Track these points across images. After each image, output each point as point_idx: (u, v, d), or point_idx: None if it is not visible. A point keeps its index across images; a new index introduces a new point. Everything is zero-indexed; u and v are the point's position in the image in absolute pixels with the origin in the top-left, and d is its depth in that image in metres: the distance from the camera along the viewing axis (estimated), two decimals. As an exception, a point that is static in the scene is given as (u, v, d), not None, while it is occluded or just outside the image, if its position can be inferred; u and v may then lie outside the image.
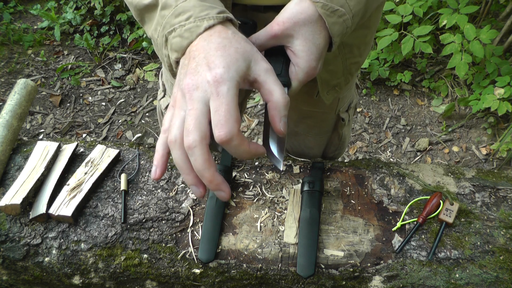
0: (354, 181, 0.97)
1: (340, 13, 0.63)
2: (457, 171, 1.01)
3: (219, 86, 0.53)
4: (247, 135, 2.40)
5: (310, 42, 0.64)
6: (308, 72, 0.66)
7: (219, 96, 0.53)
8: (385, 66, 2.48)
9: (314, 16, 0.63)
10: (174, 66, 0.62)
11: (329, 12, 0.62)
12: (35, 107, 2.53)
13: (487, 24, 2.21)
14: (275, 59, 0.68)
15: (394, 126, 2.45)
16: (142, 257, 0.87)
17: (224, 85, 0.53)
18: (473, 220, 0.90)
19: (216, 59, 0.54)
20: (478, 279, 0.83)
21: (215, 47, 0.56)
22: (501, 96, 2.09)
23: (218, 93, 0.53)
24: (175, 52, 0.60)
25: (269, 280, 0.85)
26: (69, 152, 1.00)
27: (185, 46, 0.58)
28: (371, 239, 0.87)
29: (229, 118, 0.52)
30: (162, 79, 1.14)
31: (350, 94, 1.14)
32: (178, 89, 0.57)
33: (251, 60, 0.57)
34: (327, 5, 0.62)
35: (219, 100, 0.52)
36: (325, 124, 1.19)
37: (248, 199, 0.93)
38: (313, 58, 0.65)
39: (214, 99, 0.53)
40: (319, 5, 0.62)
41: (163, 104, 1.15)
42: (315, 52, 0.64)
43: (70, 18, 2.87)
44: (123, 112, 2.55)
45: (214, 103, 0.53)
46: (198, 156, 0.53)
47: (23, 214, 0.90)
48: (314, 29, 0.63)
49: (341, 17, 0.63)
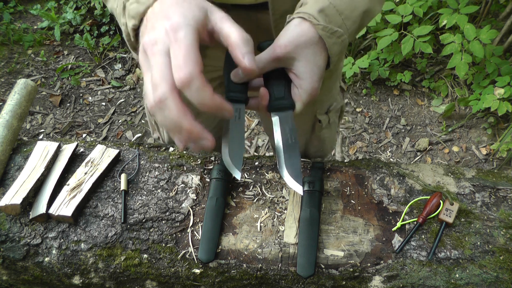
0: (354, 181, 0.97)
1: (339, 34, 0.65)
2: (457, 171, 1.01)
3: (176, 33, 0.52)
4: (247, 135, 2.40)
5: (311, 64, 0.65)
6: (311, 93, 0.67)
7: (177, 41, 0.52)
8: (385, 66, 2.48)
9: (315, 38, 0.64)
10: (131, 34, 0.61)
11: (329, 33, 0.64)
12: (35, 107, 2.53)
13: (487, 24, 2.21)
14: (277, 83, 0.69)
15: (394, 126, 2.45)
16: (142, 257, 0.87)
17: (181, 31, 0.52)
18: (473, 220, 0.90)
19: (172, 11, 0.54)
20: (478, 279, 0.83)
21: (170, 3, 0.55)
22: (501, 96, 2.09)
23: (176, 39, 0.52)
24: (133, 18, 0.59)
25: (269, 280, 0.85)
26: (69, 152, 0.99)
27: (141, 11, 0.58)
28: (371, 239, 0.87)
29: (188, 60, 0.51)
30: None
31: (329, 98, 1.13)
32: (141, 52, 0.56)
33: (207, 10, 0.57)
34: (327, 27, 0.64)
35: (177, 45, 0.52)
36: (302, 126, 1.18)
37: (248, 199, 0.93)
38: (315, 80, 0.66)
39: (173, 45, 0.52)
40: (319, 27, 0.63)
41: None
42: (317, 72, 0.66)
43: (70, 18, 2.87)
44: (123, 112, 2.55)
45: (173, 49, 0.52)
46: (171, 107, 0.52)
47: (23, 214, 0.90)
48: (315, 51, 0.65)
49: (339, 37, 0.65)
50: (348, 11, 0.66)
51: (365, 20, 0.70)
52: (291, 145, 0.69)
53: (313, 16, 0.64)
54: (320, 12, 0.64)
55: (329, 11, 0.64)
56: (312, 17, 0.64)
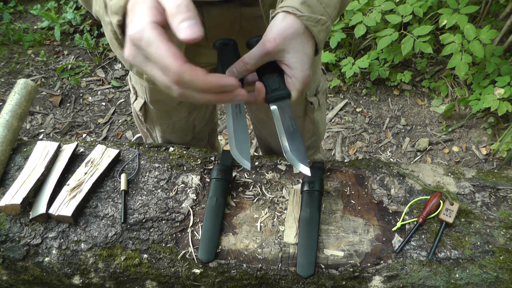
0: (354, 181, 0.97)
1: (323, 21, 0.69)
2: (457, 171, 1.01)
3: (142, 40, 0.52)
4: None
5: (301, 53, 0.69)
6: (304, 80, 0.71)
7: (149, 45, 0.52)
8: (385, 66, 2.48)
9: (301, 29, 0.68)
10: (118, 32, 0.60)
11: (314, 22, 0.68)
12: (35, 107, 2.53)
13: (487, 24, 2.21)
14: (270, 75, 0.72)
15: (394, 126, 2.45)
16: (142, 257, 0.87)
17: (146, 33, 0.52)
18: (473, 220, 0.90)
19: (136, 11, 0.54)
20: (478, 279, 0.83)
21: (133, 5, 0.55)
22: (501, 96, 2.09)
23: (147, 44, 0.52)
24: (116, 14, 0.58)
25: (269, 280, 0.85)
26: (69, 152, 0.99)
27: (123, 5, 0.56)
28: (371, 239, 0.87)
29: (166, 61, 0.51)
30: (132, 82, 1.14)
31: (315, 79, 1.16)
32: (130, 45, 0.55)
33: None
34: (311, 16, 0.67)
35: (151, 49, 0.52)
36: (295, 110, 1.19)
37: (248, 199, 0.93)
38: (306, 68, 0.70)
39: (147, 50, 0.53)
40: (304, 18, 0.67)
41: (136, 106, 1.16)
42: (306, 61, 0.69)
43: (70, 18, 2.87)
44: (123, 112, 2.55)
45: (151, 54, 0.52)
46: (190, 78, 0.52)
47: (23, 214, 0.90)
48: (302, 41, 0.68)
49: (323, 24, 0.69)
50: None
51: (344, 4, 0.76)
52: (292, 132, 0.73)
53: (296, 9, 0.67)
54: (302, 3, 0.67)
55: (310, 2, 0.68)
56: (295, 10, 0.67)
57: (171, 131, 1.21)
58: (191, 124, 1.22)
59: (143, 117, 1.18)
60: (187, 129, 1.23)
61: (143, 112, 1.16)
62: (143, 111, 1.16)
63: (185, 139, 1.26)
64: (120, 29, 0.59)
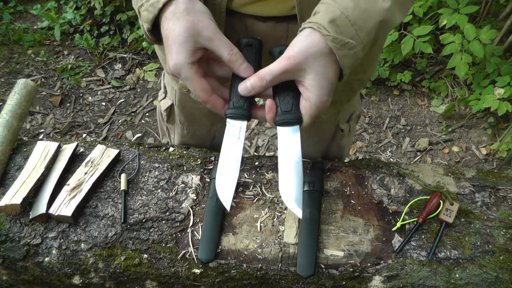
0: (354, 181, 0.97)
1: (351, 45, 0.62)
2: (457, 171, 1.01)
3: (180, 73, 0.67)
4: (247, 135, 2.40)
5: (321, 77, 0.63)
6: (320, 106, 0.66)
7: (185, 80, 0.67)
8: (385, 66, 2.48)
9: (325, 49, 0.62)
10: (148, 34, 0.70)
11: (339, 45, 0.61)
12: (35, 107, 2.54)
13: (487, 24, 2.21)
14: (285, 95, 0.68)
15: (394, 126, 2.45)
16: (142, 257, 0.87)
17: (183, 71, 0.66)
18: (473, 220, 0.90)
19: (172, 47, 0.65)
20: (478, 279, 0.83)
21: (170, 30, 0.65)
22: (501, 96, 2.09)
23: (184, 78, 0.67)
24: (146, 23, 0.67)
25: (269, 280, 0.85)
26: (69, 152, 0.99)
27: (151, 18, 0.66)
28: (371, 239, 0.87)
29: (198, 93, 0.68)
30: (164, 81, 1.14)
31: (352, 106, 1.12)
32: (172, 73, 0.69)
33: (197, 34, 0.65)
34: (337, 38, 0.61)
35: (187, 82, 0.68)
36: (323, 134, 1.17)
37: (248, 199, 0.93)
38: (324, 93, 0.64)
39: (184, 81, 0.68)
40: (329, 38, 0.61)
41: (163, 105, 1.15)
42: (326, 86, 0.64)
43: (70, 18, 2.87)
44: (123, 112, 2.55)
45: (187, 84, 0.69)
46: (212, 108, 0.71)
47: (23, 214, 0.90)
48: (325, 63, 0.63)
49: (351, 49, 0.62)
50: (362, 22, 0.62)
51: (383, 31, 0.66)
52: (291, 165, 0.69)
53: (323, 27, 0.61)
54: (330, 22, 0.61)
55: (340, 22, 0.61)
56: (322, 28, 0.61)
57: (191, 136, 1.20)
58: (211, 135, 1.21)
59: (167, 117, 1.17)
60: (207, 138, 1.22)
61: (168, 112, 1.16)
62: (168, 112, 1.15)
63: (203, 146, 1.26)
64: (149, 32, 0.69)
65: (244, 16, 0.81)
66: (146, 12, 0.66)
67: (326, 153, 1.25)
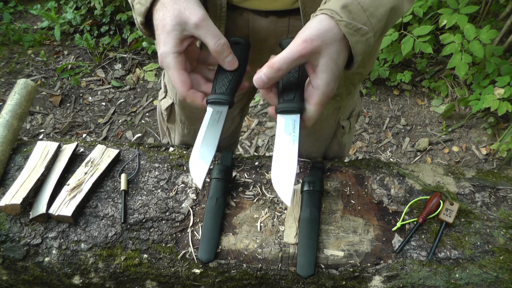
0: (354, 181, 0.97)
1: (363, 31, 0.62)
2: (457, 171, 1.01)
3: (164, 60, 0.67)
4: (247, 135, 2.40)
5: (333, 62, 0.62)
6: (327, 93, 0.64)
7: (167, 68, 0.68)
8: (385, 66, 2.48)
9: (339, 35, 0.61)
10: (141, 28, 0.71)
11: (353, 31, 0.61)
12: (35, 107, 2.54)
13: (487, 24, 2.21)
14: (290, 82, 0.67)
15: (394, 126, 2.46)
16: (142, 257, 0.87)
17: (166, 59, 0.67)
18: (473, 220, 0.90)
19: (160, 37, 0.67)
20: (478, 279, 0.83)
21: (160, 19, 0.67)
22: (501, 96, 2.09)
23: (166, 66, 0.68)
24: (139, 16, 0.69)
25: (269, 280, 0.85)
26: (69, 152, 0.99)
27: (143, 11, 0.67)
28: (371, 239, 0.87)
29: (176, 85, 0.68)
30: (164, 80, 1.14)
31: (352, 103, 1.12)
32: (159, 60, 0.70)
33: (184, 22, 0.65)
34: (350, 23, 0.60)
35: (168, 71, 0.68)
36: (324, 131, 1.17)
37: (248, 199, 0.93)
38: (333, 79, 0.63)
39: (166, 70, 0.70)
40: (342, 23, 0.60)
41: (163, 105, 1.15)
42: (335, 72, 0.63)
43: (70, 18, 2.87)
44: (123, 112, 2.55)
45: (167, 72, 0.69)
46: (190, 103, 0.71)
47: (23, 214, 0.90)
48: (338, 48, 0.62)
49: (364, 35, 0.62)
50: (373, 8, 0.62)
51: (393, 18, 0.66)
52: (288, 148, 0.67)
53: (336, 12, 0.60)
54: (343, 8, 0.61)
55: (352, 7, 0.61)
56: (335, 13, 0.60)
57: (191, 136, 1.19)
58: None
59: (167, 116, 1.17)
60: None
61: (168, 112, 1.15)
62: (168, 111, 1.15)
63: None
64: (143, 26, 0.70)
65: (245, 11, 0.81)
66: (138, 5, 0.68)
67: (327, 151, 1.25)
